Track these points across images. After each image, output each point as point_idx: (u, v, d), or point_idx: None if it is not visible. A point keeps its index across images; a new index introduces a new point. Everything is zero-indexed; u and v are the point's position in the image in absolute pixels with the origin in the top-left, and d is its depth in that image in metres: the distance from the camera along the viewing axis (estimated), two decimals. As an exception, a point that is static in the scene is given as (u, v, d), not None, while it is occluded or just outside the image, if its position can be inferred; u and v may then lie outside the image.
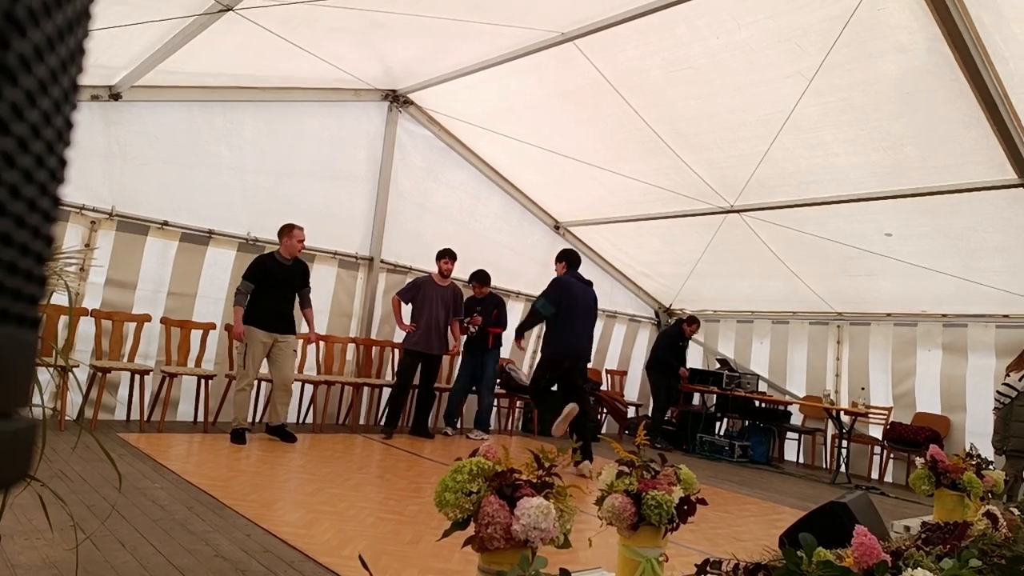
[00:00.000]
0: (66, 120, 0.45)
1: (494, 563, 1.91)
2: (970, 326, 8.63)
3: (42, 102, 0.40)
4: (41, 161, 0.40)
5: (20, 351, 0.41)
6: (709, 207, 8.69)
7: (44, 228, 0.43)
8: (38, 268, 0.42)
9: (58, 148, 0.45)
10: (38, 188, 0.40)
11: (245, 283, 6.49)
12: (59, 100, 0.43)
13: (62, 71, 0.42)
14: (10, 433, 0.40)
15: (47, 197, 0.43)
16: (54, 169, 0.43)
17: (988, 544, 2.93)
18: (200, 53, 6.20)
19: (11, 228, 0.37)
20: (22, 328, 0.40)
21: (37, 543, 2.99)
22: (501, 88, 7.65)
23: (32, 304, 0.41)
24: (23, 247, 0.39)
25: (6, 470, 0.41)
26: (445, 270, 7.96)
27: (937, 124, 6.09)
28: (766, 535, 4.71)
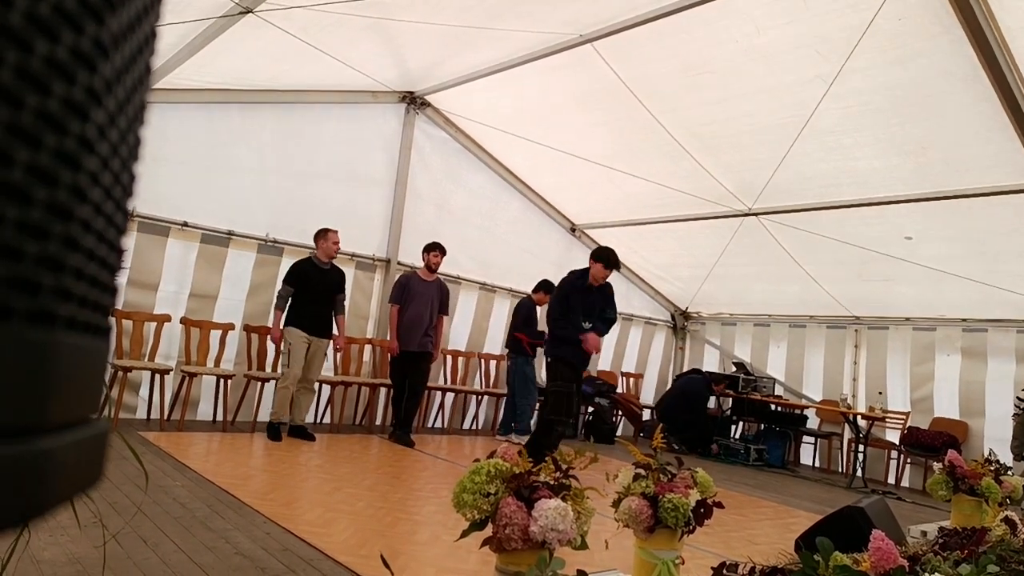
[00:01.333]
0: (137, 137, 0.48)
1: (512, 564, 1.93)
2: (990, 331, 8.56)
3: (120, 121, 0.43)
4: (118, 178, 0.43)
5: (98, 360, 0.44)
6: (727, 210, 8.67)
7: (119, 242, 0.45)
8: (112, 281, 0.44)
9: (131, 164, 0.47)
10: (115, 204, 0.43)
11: (285, 287, 6.73)
12: (133, 119, 0.46)
13: (135, 91, 0.45)
14: (91, 437, 0.43)
15: (121, 212, 0.46)
16: (127, 185, 0.46)
17: (1006, 550, 2.92)
18: (219, 56, 6.27)
19: (94, 243, 0.40)
20: (98, 338, 0.43)
21: (61, 539, 3.04)
22: (518, 90, 7.67)
23: (106, 315, 0.44)
24: (102, 261, 0.42)
25: (87, 473, 0.43)
26: (433, 263, 7.58)
27: (960, 127, 6.05)
28: (781, 539, 4.71)
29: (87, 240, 0.39)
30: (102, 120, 0.39)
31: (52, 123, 0.34)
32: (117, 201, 0.44)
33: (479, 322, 9.51)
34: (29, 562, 2.73)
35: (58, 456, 0.37)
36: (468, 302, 9.41)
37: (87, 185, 0.38)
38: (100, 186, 0.40)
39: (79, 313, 0.39)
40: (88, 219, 0.38)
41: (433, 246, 7.62)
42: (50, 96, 0.34)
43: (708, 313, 11.76)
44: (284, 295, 6.72)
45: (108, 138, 0.40)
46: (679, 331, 12.10)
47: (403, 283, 7.57)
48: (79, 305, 0.39)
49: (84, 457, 0.42)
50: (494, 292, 9.61)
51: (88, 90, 0.37)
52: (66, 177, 0.36)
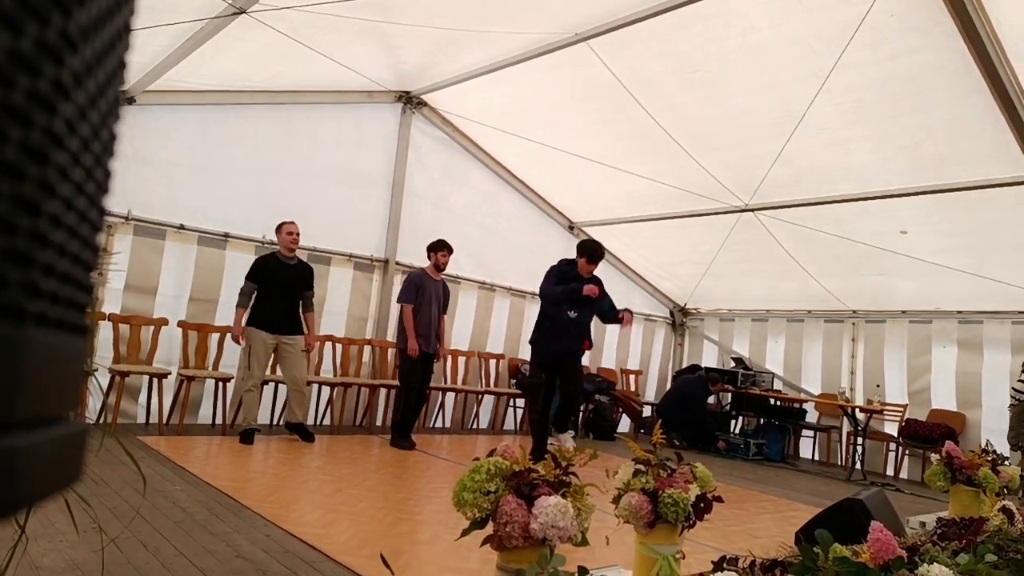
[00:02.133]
0: (111, 133, 0.48)
1: (512, 561, 1.94)
2: (986, 322, 8.60)
3: (92, 116, 0.42)
4: (90, 174, 0.43)
5: (73, 358, 0.43)
6: (724, 206, 8.69)
7: (93, 239, 0.45)
8: (87, 278, 0.44)
9: (105, 160, 0.47)
10: (88, 200, 0.43)
11: (247, 284, 6.48)
12: (106, 114, 0.45)
13: (108, 85, 0.45)
14: (67, 436, 0.42)
15: (96, 209, 0.45)
16: (101, 181, 0.46)
17: (1004, 539, 2.93)
18: (214, 58, 6.26)
19: (65, 239, 0.39)
20: (74, 336, 0.42)
21: (60, 545, 3.04)
22: (514, 89, 7.67)
23: (81, 312, 0.44)
24: (75, 257, 0.41)
25: (63, 472, 0.43)
26: (442, 263, 7.36)
27: (953, 121, 6.07)
28: (781, 532, 4.71)
29: (57, 235, 0.39)
30: (71, 114, 0.38)
31: (16, 116, 0.34)
32: (90, 197, 0.43)
33: (480, 321, 9.51)
34: (28, 568, 2.73)
35: (29, 453, 0.37)
36: (468, 301, 9.41)
37: (56, 180, 0.38)
38: (70, 181, 0.40)
39: (50, 310, 0.39)
40: (58, 214, 0.38)
41: (441, 245, 7.37)
42: (13, 89, 0.33)
43: (707, 309, 11.78)
44: (246, 291, 6.45)
45: (78, 132, 0.40)
46: (678, 327, 12.12)
47: (417, 283, 7.26)
48: (50, 302, 0.39)
49: (59, 456, 0.42)
50: (494, 291, 9.61)
51: (55, 83, 0.36)
52: (32, 171, 0.36)
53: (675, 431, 9.53)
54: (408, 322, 7.10)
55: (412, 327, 7.07)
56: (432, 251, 7.34)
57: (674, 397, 10.15)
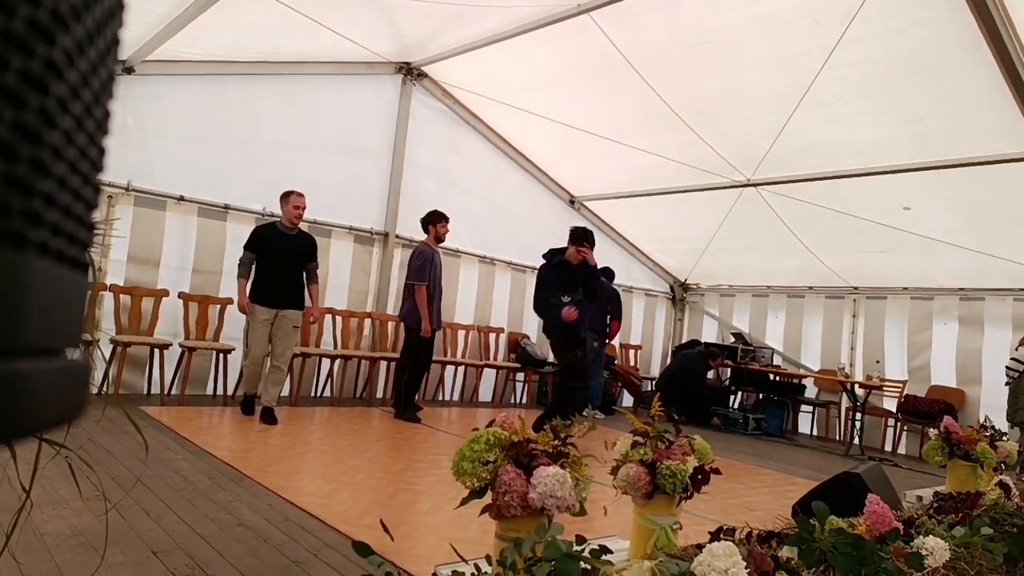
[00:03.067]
0: (109, 73, 0.47)
1: (511, 530, 1.95)
2: (987, 300, 8.61)
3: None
4: (89, 110, 0.43)
5: (75, 292, 0.44)
6: (726, 181, 8.65)
7: (93, 177, 0.45)
8: (88, 215, 0.44)
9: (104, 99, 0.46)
10: (88, 137, 0.42)
11: (246, 254, 6.20)
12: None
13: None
14: (71, 367, 0.43)
15: (95, 147, 0.45)
16: (100, 120, 0.45)
17: (1000, 513, 2.95)
18: (214, 28, 6.21)
19: (65, 172, 0.39)
20: (75, 270, 0.43)
21: (64, 512, 3.07)
22: (515, 61, 7.61)
23: (83, 249, 0.44)
24: (76, 193, 0.41)
25: (66, 403, 0.43)
26: (443, 234, 7.26)
27: (959, 96, 6.02)
28: (779, 505, 4.75)
29: (58, 167, 0.39)
30: (69, 45, 0.38)
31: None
32: (90, 134, 0.43)
33: (483, 295, 9.52)
34: (32, 535, 2.76)
35: (33, 379, 0.37)
36: (470, 275, 9.41)
37: (55, 111, 0.38)
38: (70, 114, 0.39)
39: (52, 240, 0.39)
40: (58, 145, 0.38)
41: (440, 216, 7.24)
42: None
43: (707, 284, 11.78)
44: (246, 262, 6.16)
45: (76, 66, 0.40)
46: (678, 302, 12.13)
47: (429, 258, 7.06)
48: (52, 232, 0.39)
49: (62, 386, 0.42)
50: (494, 265, 9.60)
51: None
52: (33, 99, 0.35)
53: (674, 406, 9.58)
54: (423, 302, 6.97)
55: (425, 307, 6.96)
56: (431, 223, 7.23)
57: (674, 372, 10.19)
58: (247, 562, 2.83)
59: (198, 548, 2.91)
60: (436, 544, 3.28)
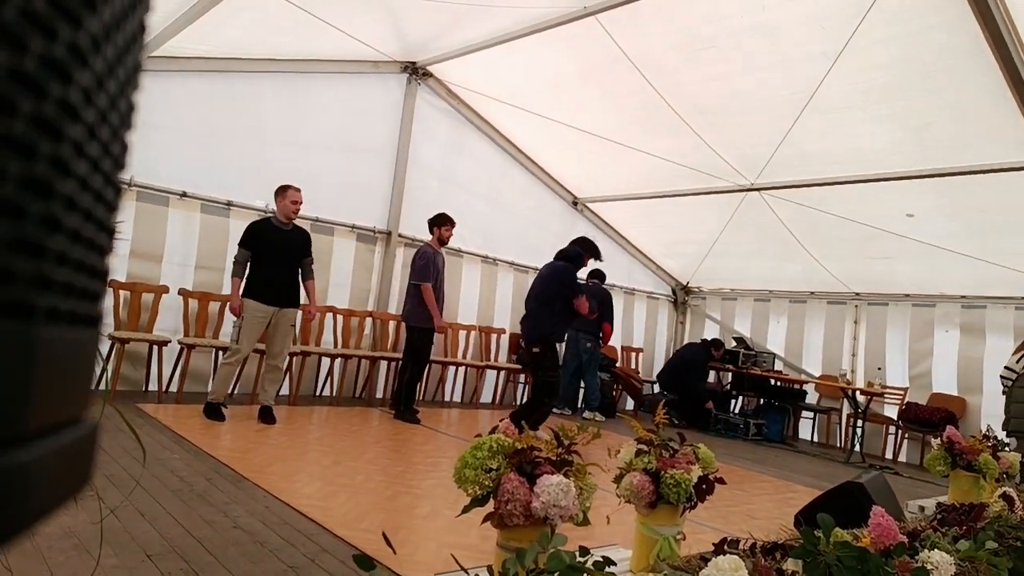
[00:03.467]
0: (130, 103, 0.44)
1: (513, 539, 1.92)
2: (989, 307, 8.58)
3: (110, 84, 0.38)
4: (107, 148, 0.39)
5: (87, 353, 0.39)
6: (729, 185, 8.63)
7: (109, 221, 0.41)
8: (102, 263, 0.40)
9: (122, 133, 0.43)
10: (104, 178, 0.39)
11: (241, 251, 5.97)
12: (125, 82, 0.42)
13: (127, 50, 0.41)
14: (79, 439, 0.38)
15: (111, 187, 0.41)
16: (118, 156, 0.42)
17: (1004, 526, 2.92)
18: (220, 25, 6.19)
19: (80, 223, 0.35)
20: (87, 328, 0.39)
21: (57, 513, 3.03)
22: (521, 62, 7.59)
23: (95, 302, 0.39)
24: (90, 242, 0.37)
25: (74, 478, 0.39)
26: (447, 237, 7.30)
27: (964, 103, 6.01)
28: (781, 513, 4.73)
29: (71, 220, 0.35)
30: (89, 82, 0.35)
31: (29, 84, 0.30)
32: (106, 175, 0.39)
33: (485, 296, 9.49)
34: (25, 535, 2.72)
35: (40, 466, 0.33)
36: (472, 275, 9.38)
37: (71, 156, 0.34)
38: (86, 158, 0.36)
39: (63, 302, 0.35)
40: (72, 195, 0.34)
41: (446, 219, 7.27)
42: (26, 53, 0.30)
43: (709, 288, 11.75)
44: (241, 260, 5.94)
45: (95, 103, 0.36)
46: (680, 305, 12.11)
47: (431, 259, 7.10)
48: (63, 294, 0.35)
49: (69, 463, 0.38)
50: (496, 265, 9.57)
51: (71, 47, 0.33)
52: (45, 147, 0.32)
53: (673, 394, 9.81)
54: (431, 300, 6.99)
55: (433, 305, 7.00)
56: (436, 225, 7.25)
57: (676, 363, 10.23)
58: (243, 567, 2.80)
59: (194, 552, 2.88)
60: (435, 550, 3.26)
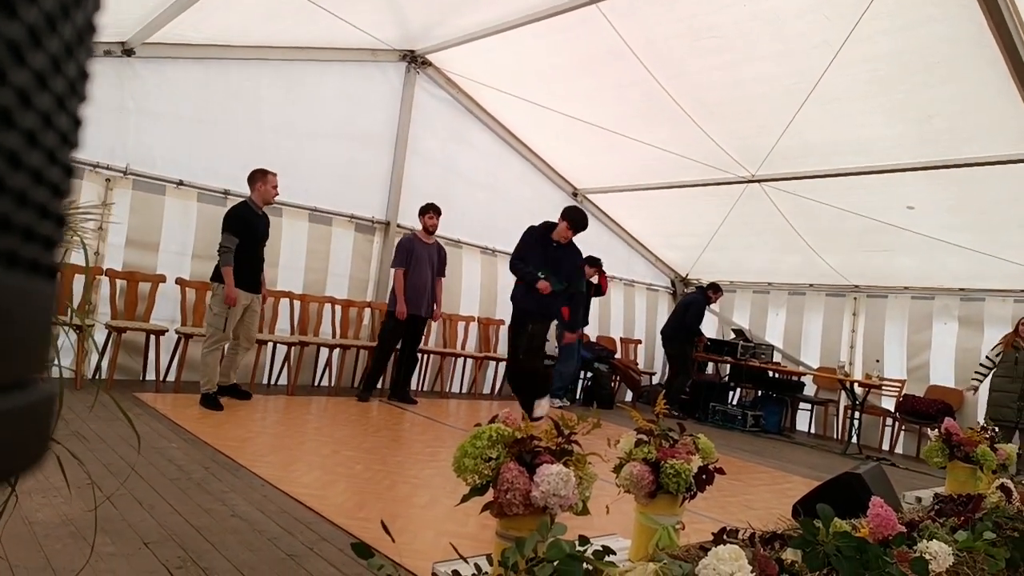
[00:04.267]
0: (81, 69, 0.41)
1: (512, 528, 1.92)
2: (988, 300, 8.58)
3: (63, 29, 0.35)
4: (65, 76, 0.36)
5: (35, 306, 0.36)
6: (730, 176, 8.60)
7: (60, 152, 0.37)
8: (54, 202, 0.36)
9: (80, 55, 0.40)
10: (53, 99, 0.35)
11: (230, 238, 5.89)
12: (72, 42, 0.39)
13: (75, 5, 0.38)
14: (25, 407, 0.34)
15: (65, 113, 0.37)
16: (77, 81, 0.39)
17: (1002, 517, 2.92)
18: (216, 12, 6.14)
19: (20, 146, 0.32)
20: (35, 277, 0.35)
21: (54, 500, 3.03)
22: (521, 51, 7.54)
23: (48, 247, 0.36)
24: (36, 173, 0.34)
25: (24, 449, 0.36)
26: (431, 226, 7.48)
27: (967, 95, 5.97)
28: (778, 503, 4.73)
29: (33, 157, 0.32)
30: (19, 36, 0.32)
31: None
32: (58, 97, 0.36)
33: (487, 287, 9.46)
34: (21, 523, 2.71)
35: None
36: (472, 266, 9.35)
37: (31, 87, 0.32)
38: (49, 90, 0.33)
39: (23, 248, 0.32)
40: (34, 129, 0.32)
41: (429, 208, 7.52)
42: None
43: (708, 279, 11.71)
44: (231, 247, 5.87)
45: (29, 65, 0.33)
46: (678, 297, 12.08)
47: (407, 246, 7.41)
48: (23, 238, 0.32)
49: (21, 431, 0.35)
50: (495, 256, 9.54)
51: None
52: None
53: (675, 346, 9.99)
54: (398, 285, 7.25)
55: (400, 290, 7.25)
56: (420, 215, 7.53)
57: (675, 312, 10.40)
58: (241, 555, 2.79)
59: (191, 540, 2.87)
60: (434, 539, 3.25)
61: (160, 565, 2.58)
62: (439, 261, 7.64)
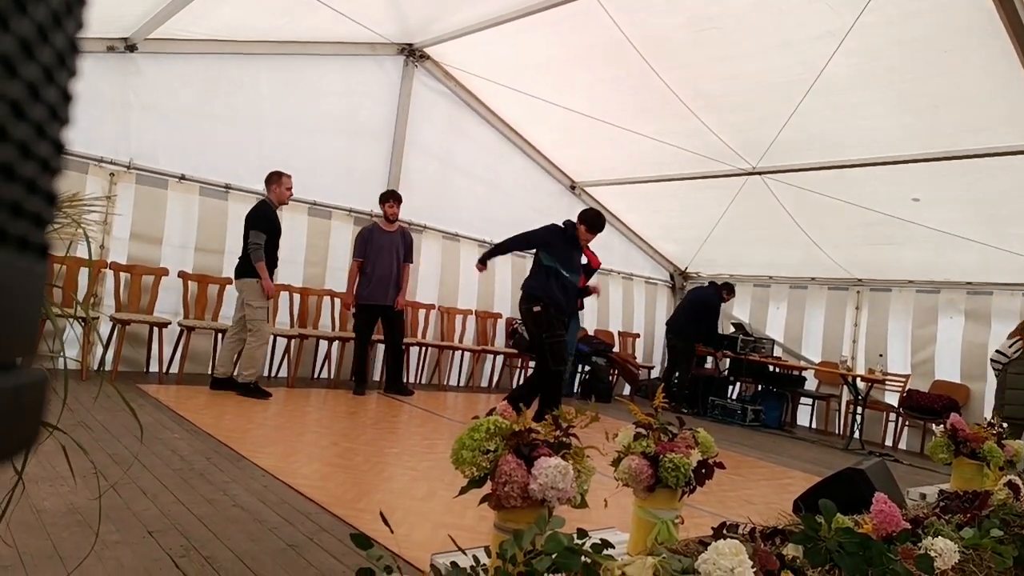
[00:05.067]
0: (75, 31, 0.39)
1: (510, 521, 1.91)
2: (995, 294, 8.51)
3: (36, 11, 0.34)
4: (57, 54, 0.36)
5: (22, 284, 0.34)
6: (730, 168, 8.56)
7: (49, 127, 0.36)
8: (44, 177, 0.35)
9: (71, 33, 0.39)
10: (41, 70, 0.35)
11: (259, 234, 6.21)
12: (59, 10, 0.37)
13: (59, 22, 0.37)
14: (10, 390, 0.34)
15: (53, 85, 0.36)
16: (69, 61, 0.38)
17: (1009, 514, 2.90)
18: (217, 7, 6.15)
19: (5, 118, 0.31)
20: (24, 255, 0.34)
21: (61, 489, 3.04)
22: (519, 44, 7.51)
23: (37, 225, 0.35)
24: (23, 147, 0.33)
25: (16, 429, 0.35)
26: (391, 214, 7.44)
27: (975, 85, 5.89)
28: (778, 499, 4.72)
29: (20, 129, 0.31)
30: None
31: None
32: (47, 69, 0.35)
33: (484, 280, 9.43)
34: (29, 511, 2.73)
35: None
36: (471, 259, 9.29)
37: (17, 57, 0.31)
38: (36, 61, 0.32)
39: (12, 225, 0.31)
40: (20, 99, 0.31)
41: (388, 195, 7.53)
42: None
43: (708, 273, 11.70)
44: (262, 243, 6.20)
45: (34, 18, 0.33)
46: (678, 291, 12.08)
47: (365, 236, 7.40)
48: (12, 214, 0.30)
49: (10, 412, 0.34)
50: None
51: None
52: None
53: (685, 341, 9.80)
54: (350, 275, 7.42)
55: (352, 281, 7.37)
56: (380, 202, 7.55)
57: (686, 307, 10.16)
58: (243, 544, 2.79)
59: (194, 529, 2.88)
60: (432, 531, 3.25)
61: (163, 553, 2.58)
62: (404, 247, 7.58)
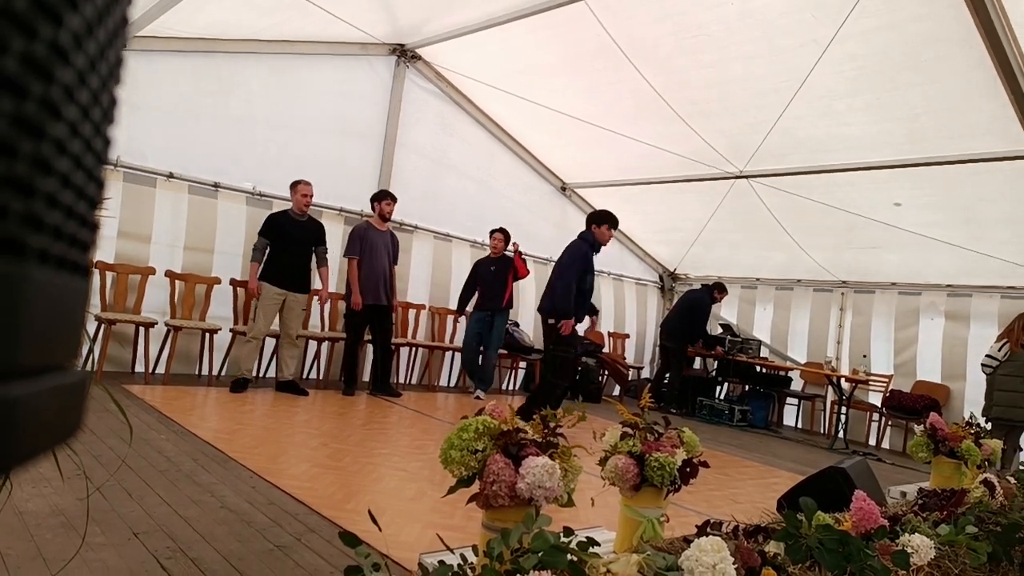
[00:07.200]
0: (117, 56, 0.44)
1: (498, 520, 1.94)
2: (975, 296, 8.65)
3: (91, 80, 0.39)
4: (96, 98, 0.39)
5: (75, 300, 0.40)
6: (717, 172, 8.64)
7: (98, 170, 0.42)
8: (91, 213, 0.41)
9: (111, 85, 0.43)
10: (93, 127, 0.39)
11: (260, 239, 6.67)
12: (107, 76, 0.42)
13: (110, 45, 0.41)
14: (68, 386, 0.39)
15: (100, 137, 0.41)
16: (108, 108, 0.42)
17: (984, 511, 2.96)
18: (206, 6, 6.15)
19: (69, 168, 0.36)
20: (76, 276, 0.39)
21: (45, 491, 3.03)
22: (510, 47, 7.55)
23: (85, 251, 0.40)
24: (79, 190, 0.38)
25: (63, 424, 0.40)
26: (387, 213, 7.44)
27: (953, 93, 6.02)
28: (763, 498, 4.77)
29: (61, 163, 0.35)
30: (76, 26, 0.35)
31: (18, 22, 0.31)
32: (96, 124, 0.40)
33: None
34: (12, 513, 2.72)
35: (31, 404, 0.34)
36: (462, 260, 9.33)
37: (60, 100, 0.34)
38: (76, 104, 0.36)
39: (53, 246, 0.35)
40: (62, 138, 0.35)
41: (384, 194, 7.51)
42: None
43: (696, 275, 11.78)
44: (260, 247, 6.68)
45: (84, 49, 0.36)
46: (667, 292, 12.15)
47: (360, 235, 7.34)
48: (53, 237, 0.35)
49: (61, 406, 0.39)
50: (485, 250, 9.53)
51: None
52: (36, 88, 0.32)
53: (676, 343, 9.82)
54: (352, 275, 7.22)
55: (355, 279, 7.21)
56: (375, 201, 7.48)
57: (678, 310, 10.23)
58: (230, 545, 2.80)
59: (180, 530, 2.89)
60: (421, 531, 3.27)
61: (149, 555, 2.59)
62: (393, 248, 7.58)
